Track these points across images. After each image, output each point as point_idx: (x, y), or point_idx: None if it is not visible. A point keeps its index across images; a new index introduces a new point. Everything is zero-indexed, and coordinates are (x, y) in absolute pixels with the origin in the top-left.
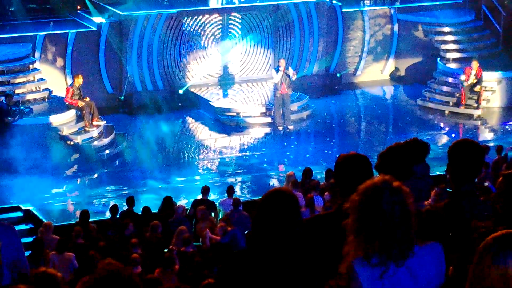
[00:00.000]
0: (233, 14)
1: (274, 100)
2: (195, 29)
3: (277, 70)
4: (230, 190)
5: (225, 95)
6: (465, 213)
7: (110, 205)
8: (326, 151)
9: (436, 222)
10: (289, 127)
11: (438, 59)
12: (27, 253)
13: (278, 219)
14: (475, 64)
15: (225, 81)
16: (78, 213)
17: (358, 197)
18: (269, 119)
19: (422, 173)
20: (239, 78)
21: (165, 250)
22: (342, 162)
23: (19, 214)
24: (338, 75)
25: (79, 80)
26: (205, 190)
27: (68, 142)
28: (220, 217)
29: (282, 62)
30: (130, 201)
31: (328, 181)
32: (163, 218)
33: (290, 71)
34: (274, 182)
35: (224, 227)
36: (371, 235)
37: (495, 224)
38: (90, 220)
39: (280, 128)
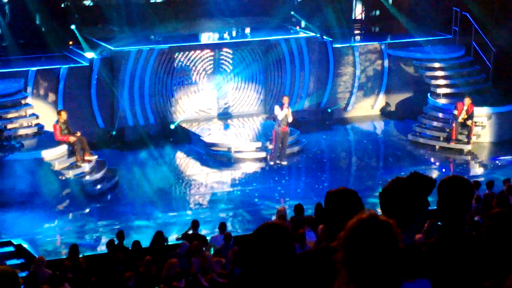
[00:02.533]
0: (225, 49)
1: (275, 135)
2: (187, 64)
3: (280, 106)
4: (222, 226)
5: (216, 130)
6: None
7: (107, 240)
8: (317, 186)
9: (423, 259)
10: (282, 163)
11: (429, 94)
12: None
13: (271, 253)
14: (467, 101)
15: (217, 116)
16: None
17: (346, 233)
18: (260, 154)
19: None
20: (230, 113)
21: None
22: (331, 197)
23: (11, 249)
24: (329, 110)
25: (63, 116)
26: (195, 224)
27: (60, 177)
28: (211, 252)
29: (286, 99)
30: (120, 235)
31: (318, 216)
32: (154, 252)
33: (289, 112)
34: (266, 217)
35: (220, 261)
36: (359, 271)
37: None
38: (85, 254)
39: (272, 163)
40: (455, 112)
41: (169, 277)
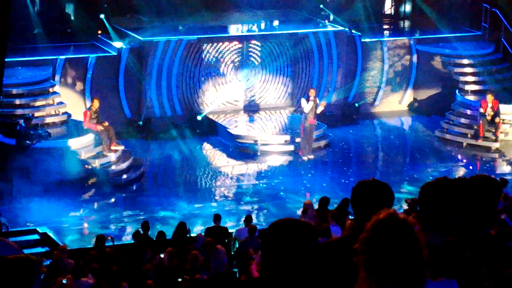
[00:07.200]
0: (253, 42)
1: (302, 129)
2: (215, 56)
3: (306, 98)
4: (248, 219)
5: (243, 122)
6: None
7: (133, 231)
8: (343, 181)
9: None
10: (309, 156)
11: (457, 90)
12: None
13: (291, 251)
14: (489, 97)
15: (244, 108)
16: (94, 238)
17: (364, 234)
18: (286, 148)
19: None
20: (257, 105)
21: (179, 280)
22: (361, 187)
23: (36, 237)
24: (356, 104)
25: (95, 104)
26: (217, 218)
27: (86, 166)
28: (236, 245)
29: (312, 92)
30: (146, 225)
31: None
32: (177, 244)
33: (322, 104)
34: (291, 210)
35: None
36: (381, 270)
37: None
38: (107, 244)
39: (305, 158)
40: (481, 110)
41: (193, 269)
